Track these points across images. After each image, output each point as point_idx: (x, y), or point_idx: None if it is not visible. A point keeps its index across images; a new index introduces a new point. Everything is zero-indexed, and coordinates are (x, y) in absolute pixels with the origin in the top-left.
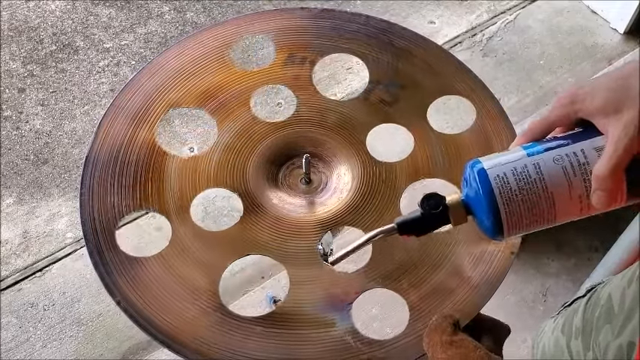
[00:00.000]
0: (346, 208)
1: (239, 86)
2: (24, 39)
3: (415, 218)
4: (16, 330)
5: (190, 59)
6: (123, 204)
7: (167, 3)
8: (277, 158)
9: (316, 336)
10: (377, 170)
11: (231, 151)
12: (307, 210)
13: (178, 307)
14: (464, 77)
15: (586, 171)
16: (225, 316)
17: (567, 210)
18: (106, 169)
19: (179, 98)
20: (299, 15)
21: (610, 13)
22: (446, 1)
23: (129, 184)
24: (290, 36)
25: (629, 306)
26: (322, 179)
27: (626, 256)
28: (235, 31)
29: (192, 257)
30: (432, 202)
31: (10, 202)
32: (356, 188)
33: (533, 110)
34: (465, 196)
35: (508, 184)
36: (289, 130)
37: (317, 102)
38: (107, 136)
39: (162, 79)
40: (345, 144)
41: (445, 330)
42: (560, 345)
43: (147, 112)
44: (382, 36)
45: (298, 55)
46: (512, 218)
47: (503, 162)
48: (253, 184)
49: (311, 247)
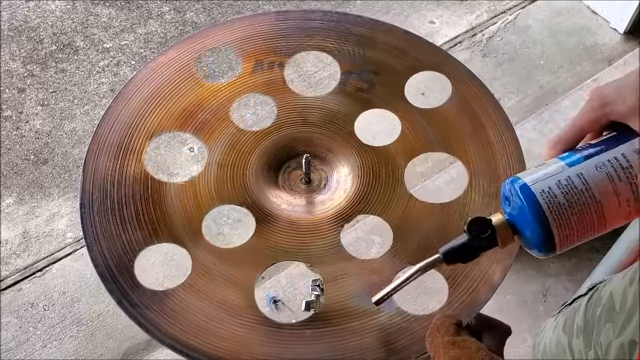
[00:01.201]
0: (355, 198)
1: (215, 102)
2: (24, 39)
3: (462, 245)
4: (16, 330)
5: (160, 83)
6: (134, 243)
7: (167, 3)
8: (273, 164)
9: (365, 325)
10: (373, 156)
11: (226, 167)
12: (318, 208)
13: (223, 330)
14: (430, 52)
15: (630, 174)
16: (271, 327)
17: (616, 216)
18: (106, 212)
19: (158, 124)
20: (257, 21)
21: (610, 13)
22: (446, 1)
23: (134, 223)
24: (252, 44)
25: (631, 305)
26: (322, 176)
27: (627, 256)
28: (197, 47)
29: (219, 278)
30: (479, 225)
31: (10, 202)
32: (358, 177)
33: (533, 110)
34: (510, 215)
35: (555, 198)
36: (277, 135)
37: (296, 102)
38: (96, 175)
39: (137, 106)
40: (336, 137)
41: (448, 330)
42: (561, 344)
43: (130, 145)
44: (341, 27)
45: (265, 60)
46: (564, 232)
47: (545, 176)
48: (257, 193)
49: (333, 243)
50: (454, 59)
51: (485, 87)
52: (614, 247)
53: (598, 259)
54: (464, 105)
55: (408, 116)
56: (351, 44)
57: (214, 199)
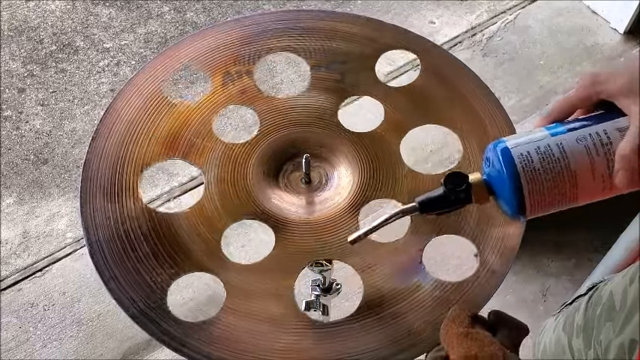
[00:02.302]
0: (362, 186)
1: (195, 121)
2: (24, 39)
3: (437, 197)
4: (16, 330)
5: (135, 112)
6: (160, 282)
7: (167, 3)
8: (271, 171)
9: (411, 305)
10: (367, 141)
11: (226, 183)
12: (328, 203)
13: (274, 342)
14: (388, 32)
15: (609, 151)
16: (320, 329)
17: (590, 189)
18: (121, 259)
19: (145, 156)
20: (214, 33)
21: (610, 13)
22: (446, 1)
23: (152, 261)
24: (215, 57)
25: (631, 304)
26: (321, 173)
27: (627, 256)
28: (161, 70)
29: (257, 293)
30: (456, 180)
31: (10, 202)
32: (358, 165)
33: (533, 110)
34: (488, 175)
35: (532, 163)
36: (266, 141)
37: (276, 106)
38: (97, 220)
39: (118, 141)
40: (325, 132)
41: (462, 322)
42: (561, 343)
43: (122, 182)
44: (299, 24)
45: (232, 71)
46: (535, 197)
47: (526, 141)
48: (264, 202)
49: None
50: (415, 34)
51: (448, 54)
52: (614, 247)
53: (598, 259)
54: (436, 76)
55: (386, 97)
56: (313, 39)
57: (225, 218)
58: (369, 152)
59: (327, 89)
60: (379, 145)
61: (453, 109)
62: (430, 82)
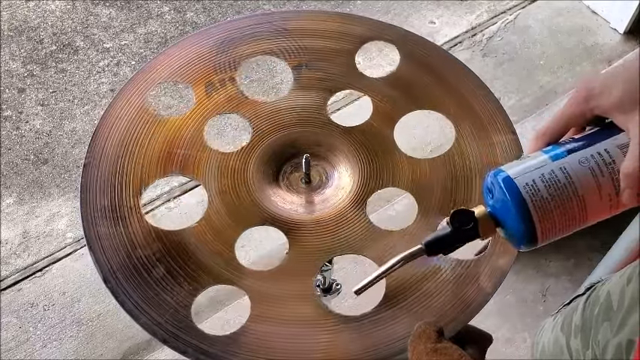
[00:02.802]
0: (363, 179)
1: (186, 134)
2: (24, 39)
3: (444, 236)
4: (16, 330)
5: (123, 132)
6: (182, 302)
7: (167, 3)
8: (270, 175)
9: (435, 286)
10: (360, 135)
11: (229, 193)
12: (332, 200)
13: (309, 343)
14: (361, 25)
15: (613, 170)
16: (352, 323)
17: (598, 210)
18: (137, 283)
19: (142, 176)
20: (189, 45)
21: (610, 13)
22: (446, 1)
23: (170, 281)
24: (193, 68)
25: (629, 304)
26: (320, 172)
27: (626, 256)
28: (143, 87)
29: (282, 297)
30: (462, 217)
31: (10, 202)
32: (356, 158)
33: (533, 110)
34: (492, 207)
35: (539, 192)
36: (261, 146)
37: (264, 109)
38: (109, 251)
39: (111, 163)
40: (317, 130)
41: (430, 337)
42: (559, 343)
43: (123, 206)
44: (272, 26)
45: (214, 80)
46: (546, 225)
47: (528, 169)
48: (271, 207)
49: (365, 226)
50: (386, 24)
51: (425, 40)
52: (614, 247)
53: (598, 259)
54: (416, 62)
55: (372, 88)
56: (289, 39)
57: (235, 228)
58: (364, 144)
59: (312, 87)
60: (373, 136)
61: (440, 93)
62: (411, 68)
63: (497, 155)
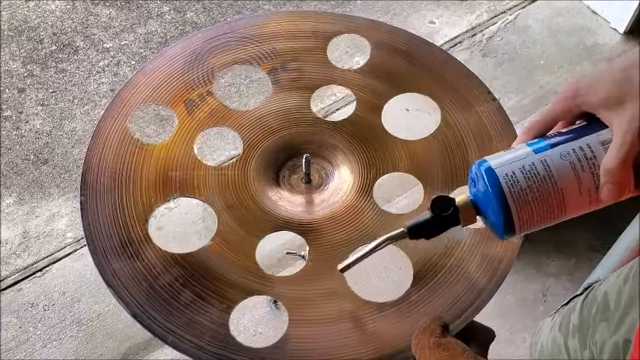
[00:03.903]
0: (363, 169)
1: (177, 155)
2: (24, 39)
3: (425, 221)
4: (16, 330)
5: (112, 166)
6: (220, 325)
7: (167, 3)
8: (270, 181)
9: (462, 256)
10: (349, 127)
11: (236, 207)
12: (339, 195)
13: (360, 336)
14: (331, 22)
15: (594, 165)
16: (389, 308)
17: (577, 204)
18: (167, 312)
19: (144, 206)
20: (158, 65)
21: (610, 13)
22: (446, 1)
23: (199, 303)
24: (169, 88)
25: (625, 303)
26: (318, 170)
27: (626, 256)
28: (120, 117)
29: (319, 298)
30: (442, 204)
31: (10, 202)
32: (352, 152)
33: (533, 110)
34: (474, 195)
35: (518, 183)
36: (255, 154)
37: (250, 118)
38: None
39: (108, 199)
40: (307, 130)
41: (434, 332)
42: (557, 343)
43: (132, 241)
44: (235, 35)
45: (192, 97)
46: (523, 216)
47: (510, 160)
48: (282, 212)
49: (377, 213)
50: (350, 16)
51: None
52: (614, 247)
53: (598, 259)
54: (387, 48)
55: (350, 80)
56: (257, 45)
57: (250, 239)
58: (356, 136)
59: (292, 88)
60: (363, 127)
61: (416, 74)
62: (383, 55)
63: (485, 123)
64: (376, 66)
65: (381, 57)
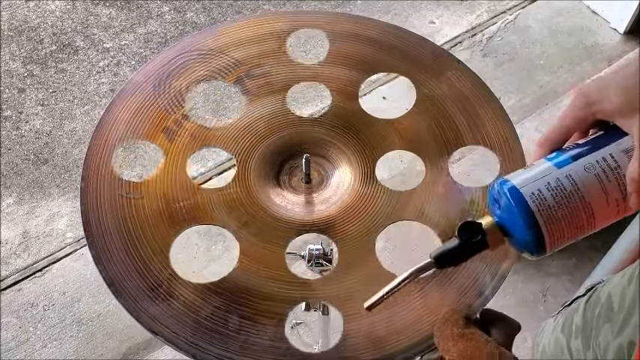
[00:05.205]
0: (360, 158)
1: (173, 186)
2: (24, 39)
3: (453, 249)
4: (16, 330)
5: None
6: (278, 339)
7: (167, 3)
8: (275, 191)
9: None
10: (333, 119)
11: (251, 225)
12: (343, 191)
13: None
14: (283, 20)
15: (619, 175)
16: (426, 283)
17: (605, 216)
18: (223, 342)
19: (160, 246)
20: (127, 96)
21: (610, 13)
22: (446, 1)
23: (254, 327)
24: (142, 121)
25: (629, 305)
26: (316, 168)
27: (627, 256)
28: (103, 161)
29: (365, 288)
30: (470, 230)
31: (10, 202)
32: (343, 141)
33: (533, 110)
34: (499, 217)
35: (545, 201)
36: (251, 166)
37: (231, 133)
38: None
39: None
40: (293, 131)
41: (456, 323)
42: (560, 344)
43: (162, 284)
44: (195, 51)
45: (167, 123)
46: (555, 234)
47: (534, 178)
48: (298, 217)
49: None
50: (303, 11)
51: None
52: (614, 247)
53: (598, 258)
54: (348, 38)
55: (318, 74)
56: (216, 58)
57: (276, 250)
58: (342, 126)
59: (264, 94)
60: (346, 116)
61: (379, 54)
62: (344, 44)
63: (457, 85)
64: (339, 55)
65: (342, 46)
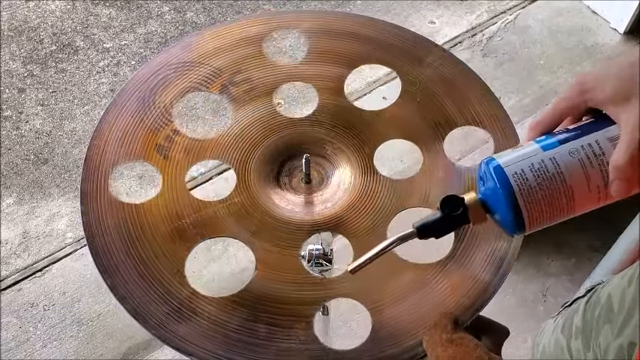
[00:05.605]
0: (357, 151)
1: (177, 204)
2: (24, 39)
3: (435, 220)
4: (16, 330)
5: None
6: (311, 342)
7: (167, 3)
8: (280, 194)
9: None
10: (323, 116)
11: (261, 233)
12: (345, 186)
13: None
14: (257, 23)
15: (602, 162)
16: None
17: (586, 201)
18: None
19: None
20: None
21: (610, 13)
22: (446, 1)
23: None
24: (133, 142)
25: (630, 305)
26: (315, 167)
27: (626, 256)
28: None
29: (384, 280)
30: (452, 203)
31: (10, 202)
32: (338, 137)
33: (533, 110)
34: (483, 194)
35: (527, 181)
36: (250, 173)
37: (224, 143)
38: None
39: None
40: (286, 133)
41: (445, 328)
42: (560, 345)
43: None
44: (175, 63)
45: (159, 141)
46: (533, 214)
47: (519, 158)
48: (308, 218)
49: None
50: (277, 11)
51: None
52: (614, 247)
53: (598, 259)
54: (323, 33)
55: (300, 73)
56: (196, 69)
57: (289, 253)
58: (334, 123)
59: (250, 100)
60: (336, 112)
61: (356, 47)
62: (323, 41)
63: (440, 70)
64: (319, 52)
65: (321, 42)
